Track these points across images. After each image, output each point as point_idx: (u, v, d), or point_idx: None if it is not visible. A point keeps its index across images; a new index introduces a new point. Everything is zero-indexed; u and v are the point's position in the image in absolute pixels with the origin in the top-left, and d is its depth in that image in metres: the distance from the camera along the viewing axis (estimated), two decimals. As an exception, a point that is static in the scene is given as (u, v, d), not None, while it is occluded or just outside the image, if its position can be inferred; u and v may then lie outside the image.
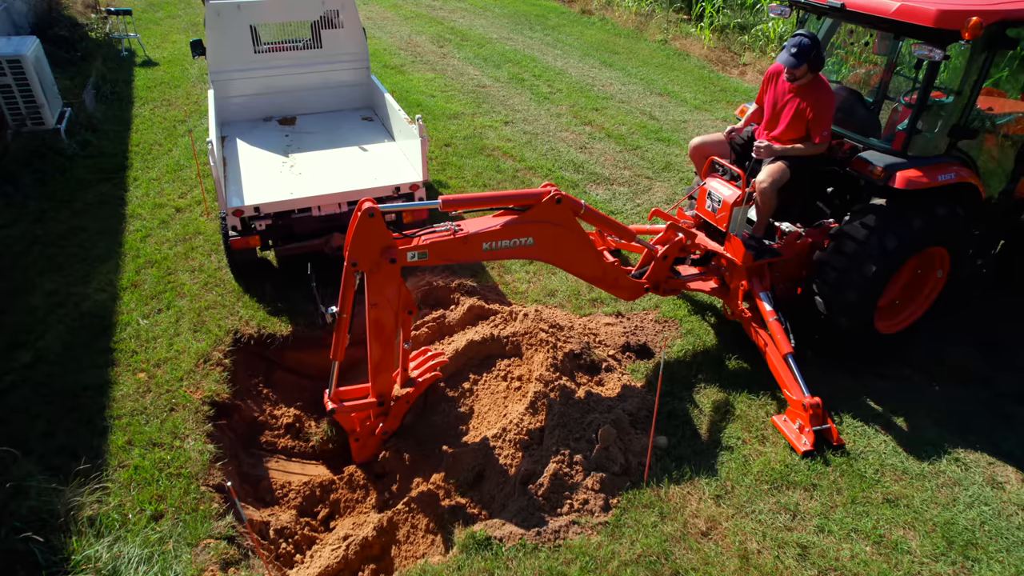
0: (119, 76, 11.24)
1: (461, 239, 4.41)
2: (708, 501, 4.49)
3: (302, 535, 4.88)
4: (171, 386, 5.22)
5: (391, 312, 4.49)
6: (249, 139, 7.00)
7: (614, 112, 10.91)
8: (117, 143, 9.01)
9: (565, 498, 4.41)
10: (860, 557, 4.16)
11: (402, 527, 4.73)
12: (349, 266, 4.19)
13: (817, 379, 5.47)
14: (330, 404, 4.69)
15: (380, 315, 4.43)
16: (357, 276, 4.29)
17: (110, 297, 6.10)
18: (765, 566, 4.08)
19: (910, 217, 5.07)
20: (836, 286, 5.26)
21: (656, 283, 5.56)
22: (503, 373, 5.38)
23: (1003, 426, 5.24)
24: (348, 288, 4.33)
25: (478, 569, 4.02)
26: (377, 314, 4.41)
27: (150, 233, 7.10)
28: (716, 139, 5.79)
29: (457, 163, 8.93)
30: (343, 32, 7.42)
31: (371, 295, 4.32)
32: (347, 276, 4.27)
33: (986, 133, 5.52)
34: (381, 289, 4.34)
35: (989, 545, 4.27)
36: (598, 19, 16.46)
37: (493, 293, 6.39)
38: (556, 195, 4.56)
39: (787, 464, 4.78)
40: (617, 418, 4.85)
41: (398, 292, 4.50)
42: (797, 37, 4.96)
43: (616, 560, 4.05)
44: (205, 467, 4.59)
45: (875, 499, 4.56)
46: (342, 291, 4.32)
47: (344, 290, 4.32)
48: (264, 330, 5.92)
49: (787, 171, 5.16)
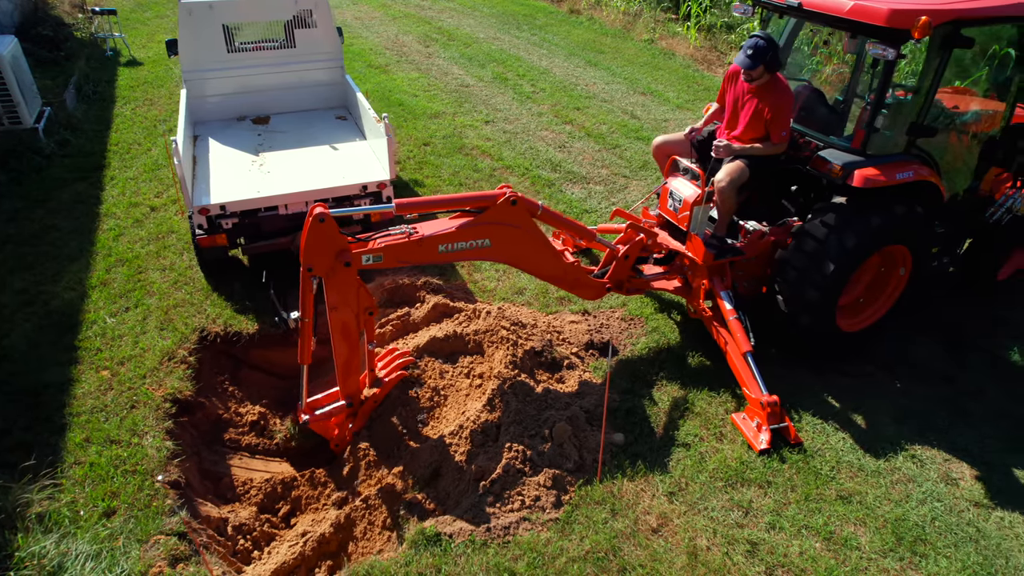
0: (102, 76, 11.26)
1: (416, 242, 4.44)
2: (661, 498, 4.51)
3: (261, 532, 4.90)
4: (133, 384, 5.24)
5: (351, 315, 4.52)
6: (221, 138, 7.03)
7: (596, 111, 10.92)
8: (96, 142, 9.04)
9: (517, 494, 4.43)
10: (809, 553, 4.18)
11: (359, 523, 4.76)
12: (305, 271, 4.23)
13: (780, 376, 5.50)
14: (303, 416, 4.74)
15: (341, 318, 4.47)
16: (314, 280, 4.32)
17: (79, 296, 6.13)
18: (713, 563, 4.10)
19: (869, 215, 5.09)
20: (796, 284, 5.28)
21: (618, 282, 5.58)
22: (465, 370, 5.40)
23: (961, 423, 5.26)
24: (307, 292, 4.35)
25: (426, 565, 4.05)
26: (337, 317, 4.45)
27: (123, 232, 7.13)
28: (678, 138, 5.81)
29: (435, 162, 8.95)
30: (316, 32, 7.44)
31: (330, 299, 4.37)
32: (304, 281, 4.31)
33: (947, 131, 5.53)
34: (339, 292, 4.38)
35: (938, 541, 4.29)
36: (586, 19, 16.47)
37: (461, 291, 6.41)
38: (512, 197, 4.58)
39: (743, 462, 4.80)
40: (573, 415, 4.87)
41: (357, 295, 4.53)
42: (753, 39, 4.98)
43: (564, 556, 4.08)
44: (162, 464, 4.61)
45: (828, 496, 4.58)
46: (301, 296, 4.35)
47: (303, 295, 4.35)
48: (231, 328, 5.94)
49: (746, 170, 5.17)
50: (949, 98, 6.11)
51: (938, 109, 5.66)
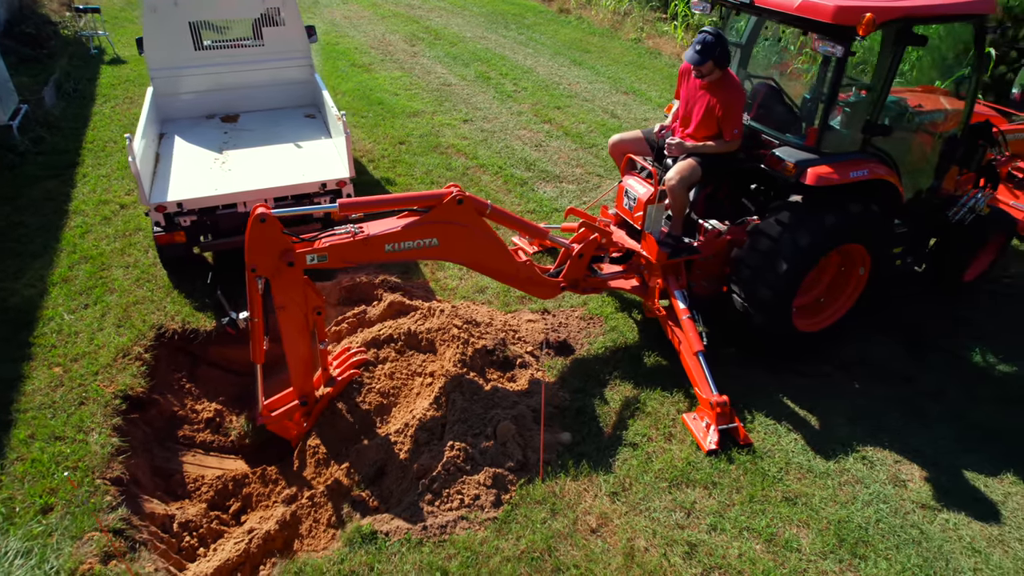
0: (84, 74, 11.29)
1: (361, 241, 4.42)
2: (603, 498, 4.47)
3: (208, 528, 4.89)
4: (85, 380, 5.24)
5: (300, 314, 4.52)
6: (187, 136, 7.02)
7: (576, 110, 10.89)
8: (72, 140, 9.05)
9: (457, 493, 4.40)
10: (748, 555, 4.14)
11: (305, 521, 4.74)
12: (250, 272, 4.21)
13: (736, 376, 5.46)
14: (260, 419, 4.75)
15: (289, 318, 4.46)
16: (260, 281, 4.30)
17: (39, 292, 6.13)
18: (649, 563, 4.06)
19: (823, 214, 5.04)
20: (751, 283, 5.24)
21: (574, 281, 5.54)
22: (417, 369, 5.37)
23: (916, 424, 5.21)
24: (253, 292, 4.33)
25: (359, 563, 4.03)
26: (286, 317, 4.45)
27: (90, 229, 7.13)
28: (635, 136, 5.77)
29: (409, 160, 8.93)
30: (284, 30, 7.43)
31: (276, 299, 4.36)
32: (250, 282, 4.29)
33: (905, 130, 5.48)
34: (285, 293, 4.37)
35: (879, 543, 4.25)
36: (575, 18, 16.43)
37: (422, 290, 6.38)
38: (458, 196, 4.56)
39: (690, 462, 4.76)
40: (520, 414, 4.84)
41: (304, 294, 4.52)
42: (702, 34, 4.94)
43: (498, 556, 4.05)
44: (105, 460, 4.60)
45: (774, 498, 4.54)
46: (248, 296, 4.34)
47: (250, 295, 4.33)
48: (189, 325, 5.94)
49: (697, 169, 5.13)
50: (913, 97, 6.06)
51: (897, 108, 5.62)
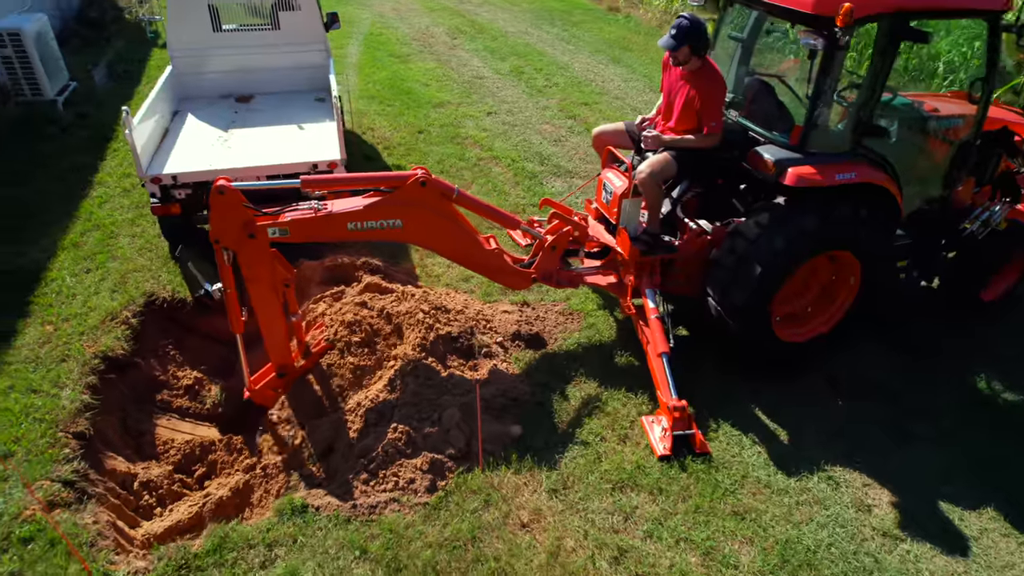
0: (136, 55, 11.89)
1: (323, 217, 4.45)
2: (542, 494, 4.37)
3: (169, 490, 5.04)
4: (71, 339, 5.50)
5: (267, 287, 4.60)
6: (199, 114, 7.28)
7: (604, 107, 10.71)
8: (113, 116, 9.54)
9: (392, 475, 4.39)
10: (679, 567, 3.96)
11: (256, 490, 4.84)
12: (215, 243, 4.32)
13: (711, 382, 5.26)
14: (247, 393, 4.86)
15: (257, 290, 4.55)
16: (227, 253, 4.39)
17: (48, 256, 6.49)
18: (573, 564, 3.94)
19: (803, 217, 4.77)
20: (724, 286, 5.01)
21: (546, 274, 5.43)
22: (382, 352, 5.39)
23: (896, 446, 4.86)
24: (222, 264, 4.44)
25: (284, 533, 4.07)
26: (254, 289, 4.54)
27: (108, 199, 7.50)
28: (616, 128, 5.61)
29: (424, 150, 8.99)
30: (300, 15, 7.61)
31: (244, 271, 4.44)
32: (217, 253, 4.39)
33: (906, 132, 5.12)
34: (251, 265, 4.44)
35: (826, 568, 3.98)
36: (623, 17, 16.18)
37: (406, 275, 6.41)
38: (422, 178, 4.54)
39: (640, 466, 4.59)
40: (470, 402, 4.78)
41: (270, 267, 4.60)
42: (679, 19, 4.75)
43: (420, 541, 4.01)
44: (72, 415, 4.82)
45: (721, 510, 4.32)
46: (219, 268, 4.44)
47: (220, 266, 4.44)
48: (178, 294, 6.16)
49: (672, 163, 4.94)
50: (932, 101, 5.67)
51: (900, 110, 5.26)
